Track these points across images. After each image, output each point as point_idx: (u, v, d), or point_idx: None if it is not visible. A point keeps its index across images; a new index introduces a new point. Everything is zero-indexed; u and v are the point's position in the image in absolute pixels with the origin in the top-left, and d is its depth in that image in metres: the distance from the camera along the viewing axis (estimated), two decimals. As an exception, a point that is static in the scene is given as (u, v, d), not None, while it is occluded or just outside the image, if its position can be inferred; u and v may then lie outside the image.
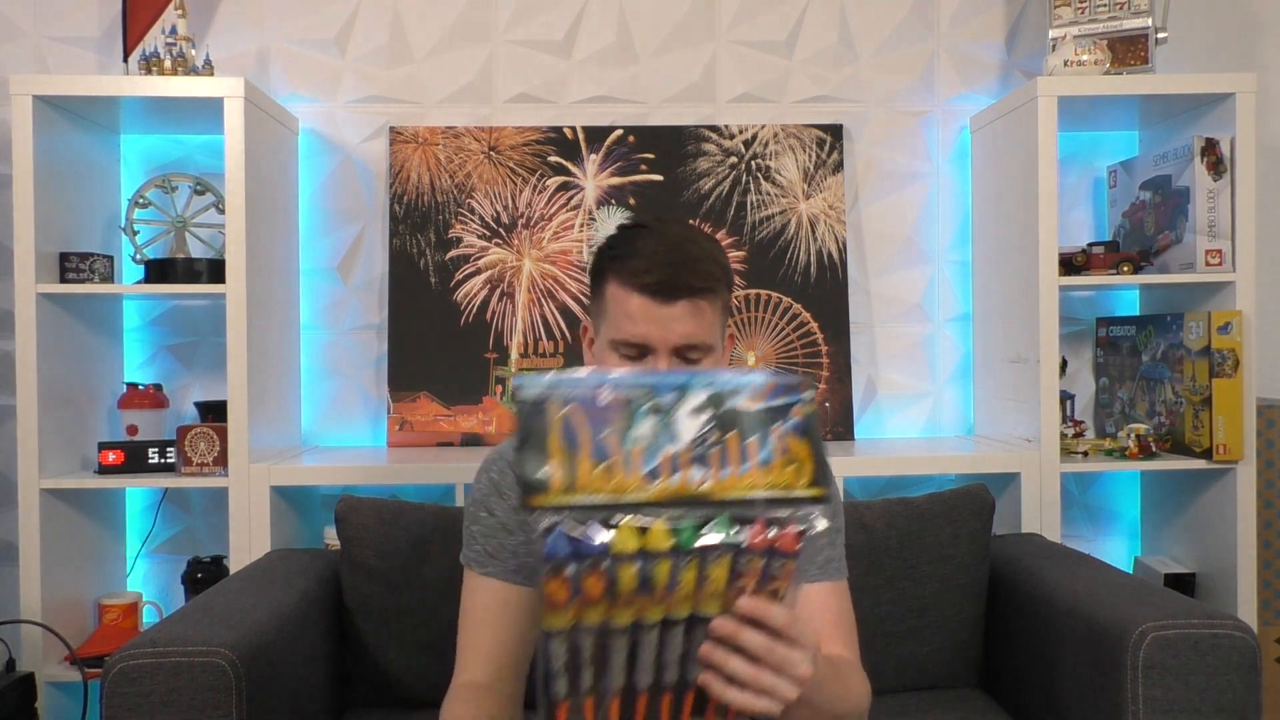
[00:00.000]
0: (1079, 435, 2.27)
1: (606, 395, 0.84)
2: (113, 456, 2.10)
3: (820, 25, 2.47)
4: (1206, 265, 2.13)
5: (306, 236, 2.43)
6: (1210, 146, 2.13)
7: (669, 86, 2.46)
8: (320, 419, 2.45)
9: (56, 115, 2.10)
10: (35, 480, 2.02)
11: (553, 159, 2.42)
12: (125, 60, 2.28)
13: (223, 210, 2.19)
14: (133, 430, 2.18)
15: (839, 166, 2.44)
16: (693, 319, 1.19)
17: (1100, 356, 2.46)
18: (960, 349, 2.51)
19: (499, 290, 2.40)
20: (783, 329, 2.39)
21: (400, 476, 2.16)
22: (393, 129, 2.41)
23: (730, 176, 2.43)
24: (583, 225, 2.42)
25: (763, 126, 2.43)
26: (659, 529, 0.82)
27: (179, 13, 2.16)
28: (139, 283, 2.18)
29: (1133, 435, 2.17)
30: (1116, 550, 2.48)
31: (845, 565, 1.32)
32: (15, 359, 2.03)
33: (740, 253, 2.41)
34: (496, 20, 2.45)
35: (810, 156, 2.44)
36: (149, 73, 2.09)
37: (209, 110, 2.08)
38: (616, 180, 2.42)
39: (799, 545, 0.85)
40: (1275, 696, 2.14)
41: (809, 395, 0.88)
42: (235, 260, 2.05)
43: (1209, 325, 2.08)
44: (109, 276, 2.15)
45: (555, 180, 2.42)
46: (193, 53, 2.15)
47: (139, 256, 2.23)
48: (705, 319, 1.21)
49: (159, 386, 2.27)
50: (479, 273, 2.40)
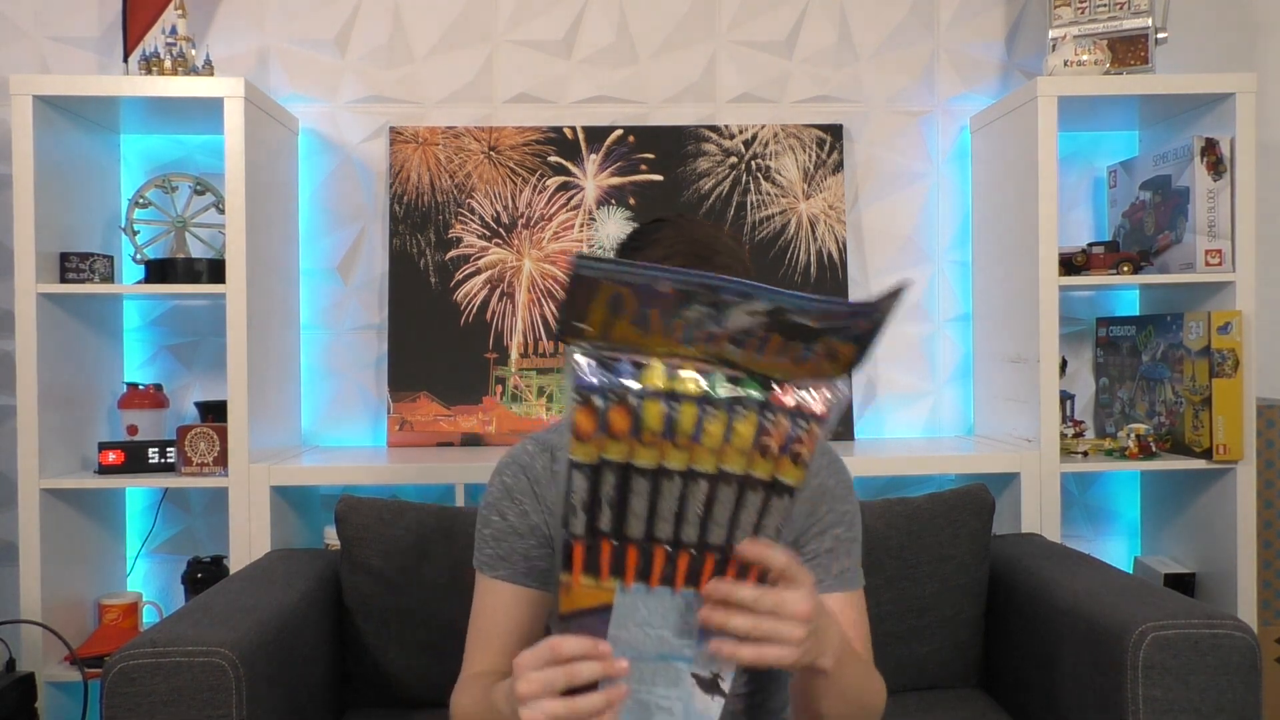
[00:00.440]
0: (1079, 435, 2.27)
1: (668, 286, 0.82)
2: (113, 456, 2.10)
3: (820, 25, 2.47)
4: (1206, 265, 2.13)
5: (306, 236, 2.43)
6: (1210, 146, 2.13)
7: (669, 86, 2.46)
8: (320, 419, 2.45)
9: (56, 115, 2.10)
10: (35, 480, 2.02)
11: (553, 159, 2.42)
12: (125, 60, 2.28)
13: (223, 210, 2.19)
14: (133, 430, 2.19)
15: (839, 166, 2.44)
16: None
17: (1100, 356, 2.46)
18: (960, 349, 2.51)
19: (499, 290, 2.40)
20: (783, 329, 2.39)
21: (400, 476, 2.16)
22: (393, 129, 2.41)
23: (730, 176, 2.43)
24: (583, 225, 2.42)
25: (763, 126, 2.43)
26: (688, 375, 0.84)
27: (179, 13, 2.16)
28: (139, 283, 2.18)
29: (1133, 435, 2.17)
30: (1116, 550, 2.48)
31: (861, 574, 1.32)
32: (15, 359, 2.03)
33: (740, 253, 2.41)
34: (496, 20, 2.45)
35: (810, 156, 2.44)
36: (149, 73, 2.09)
37: (209, 110, 2.08)
38: (616, 180, 2.42)
39: (826, 410, 0.86)
40: (1275, 696, 2.14)
41: (876, 316, 0.86)
42: (235, 260, 2.05)
43: (1209, 325, 2.08)
44: (109, 276, 2.15)
45: (555, 180, 2.42)
46: (193, 53, 2.15)
47: (139, 256, 2.23)
48: None
49: (159, 386, 2.27)
50: (479, 273, 2.40)
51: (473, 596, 1.32)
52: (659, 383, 0.84)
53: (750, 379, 0.86)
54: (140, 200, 2.27)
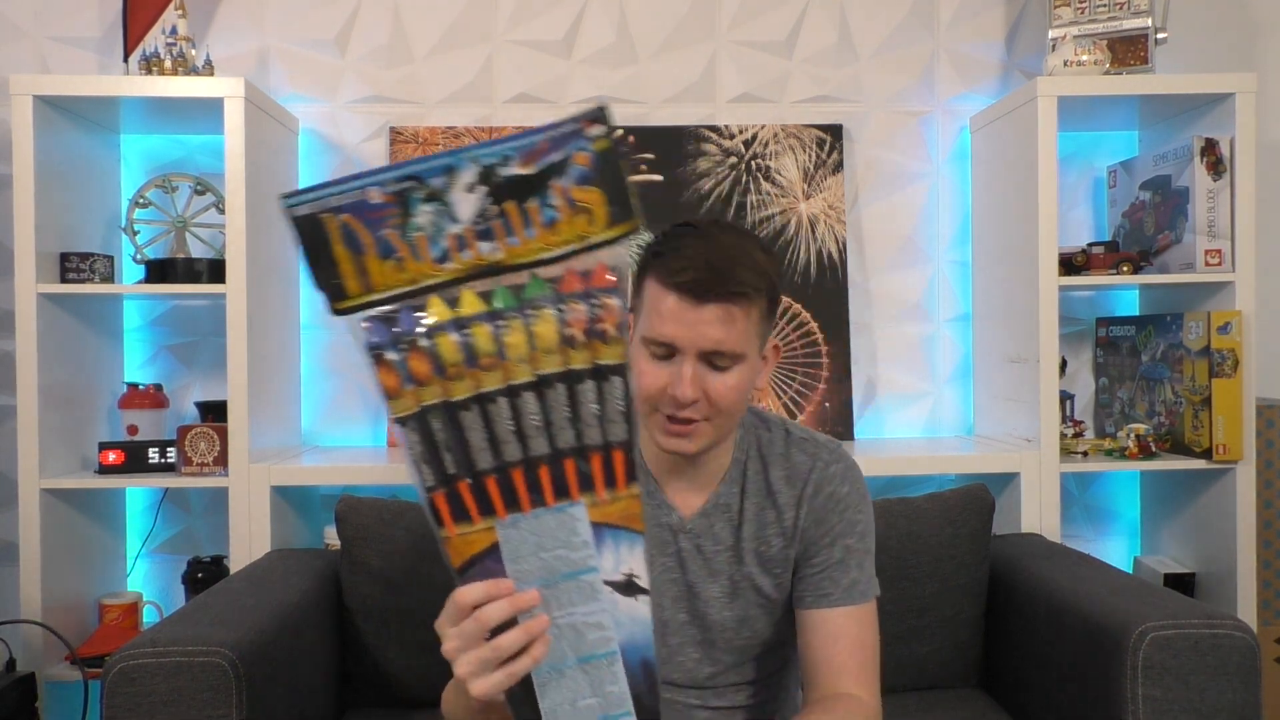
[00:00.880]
0: (1079, 435, 2.27)
1: (376, 195, 0.82)
2: (113, 456, 2.10)
3: (820, 25, 2.47)
4: (1206, 265, 2.13)
5: (306, 236, 2.43)
6: (1210, 146, 2.13)
7: (669, 86, 2.46)
8: (320, 419, 2.45)
9: (56, 115, 2.10)
10: (35, 480, 2.02)
11: (553, 159, 2.41)
12: (125, 60, 2.28)
13: (223, 210, 2.19)
14: (133, 430, 2.19)
15: (839, 166, 2.44)
16: (722, 325, 1.17)
17: (1100, 356, 2.46)
18: (960, 349, 2.51)
19: (499, 290, 2.40)
20: (783, 329, 2.39)
21: (400, 476, 2.15)
22: (393, 129, 2.41)
23: (730, 176, 2.43)
24: (583, 225, 2.41)
25: (763, 126, 2.43)
26: (468, 297, 0.84)
27: (179, 13, 2.16)
28: (139, 283, 2.18)
29: (1132, 435, 2.17)
30: (1116, 550, 2.48)
31: (875, 584, 1.29)
32: (15, 359, 2.03)
33: (740, 253, 2.41)
34: (496, 20, 2.45)
35: (810, 156, 2.44)
36: (149, 73, 2.09)
37: (209, 110, 2.08)
38: (616, 180, 2.41)
39: (611, 276, 0.85)
40: (1275, 696, 2.14)
41: (597, 131, 0.83)
42: (235, 260, 2.05)
43: (1209, 325, 2.08)
44: (109, 276, 2.15)
45: (555, 180, 2.41)
46: (193, 53, 2.15)
47: (139, 256, 2.23)
48: (737, 326, 1.17)
49: (159, 386, 2.27)
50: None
51: None
52: (443, 315, 0.84)
53: (534, 281, 0.85)
54: (140, 200, 2.27)
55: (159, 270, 2.17)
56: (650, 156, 2.42)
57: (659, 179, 2.42)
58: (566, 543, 0.88)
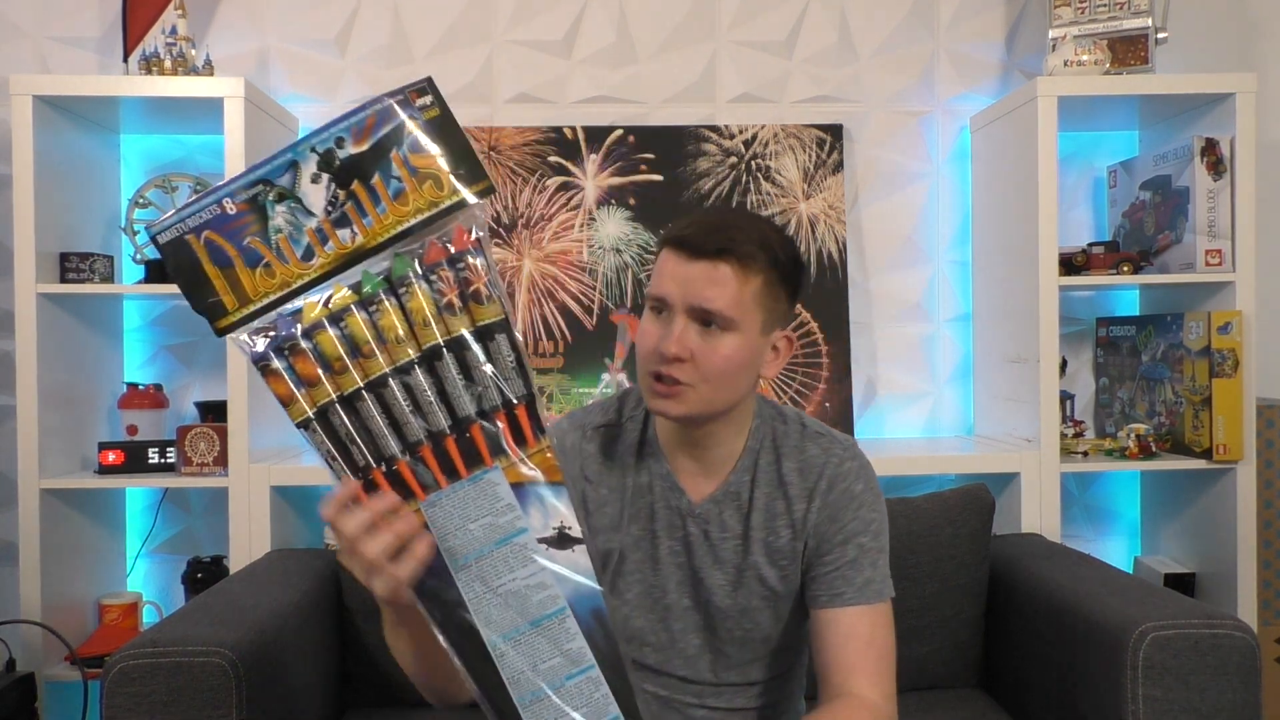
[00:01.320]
0: (1079, 435, 2.27)
1: (231, 206, 0.86)
2: (113, 456, 2.10)
3: (820, 25, 2.47)
4: (1206, 265, 2.13)
5: (306, 236, 2.43)
6: (1210, 146, 2.13)
7: (669, 86, 2.46)
8: (320, 419, 2.45)
9: (56, 115, 2.10)
10: (35, 480, 2.02)
11: (553, 159, 2.42)
12: (125, 60, 2.28)
13: (223, 210, 2.19)
14: (133, 430, 2.18)
15: (839, 166, 2.44)
16: (711, 283, 1.17)
17: (1100, 356, 2.46)
18: (960, 349, 2.51)
19: (499, 290, 2.40)
20: (783, 329, 2.39)
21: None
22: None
23: (730, 176, 2.42)
24: (583, 225, 2.42)
25: (763, 126, 2.43)
26: (338, 291, 0.87)
27: (179, 13, 2.16)
28: (139, 283, 2.18)
29: (1133, 435, 2.17)
30: (1116, 550, 2.48)
31: (889, 585, 1.28)
32: (15, 359, 2.03)
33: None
34: (496, 20, 2.45)
35: (810, 156, 2.44)
36: (149, 73, 2.09)
37: (209, 110, 2.08)
38: (617, 180, 2.42)
39: (471, 237, 0.88)
40: (1275, 696, 2.14)
41: (425, 100, 0.88)
42: (235, 260, 2.05)
43: (1209, 325, 2.08)
44: (109, 276, 2.15)
45: (555, 180, 2.41)
46: (193, 53, 2.15)
47: (139, 256, 2.23)
48: (728, 288, 1.17)
49: (159, 386, 2.27)
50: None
51: None
52: (318, 314, 0.86)
53: (398, 260, 0.87)
54: (140, 200, 2.27)
55: (159, 270, 2.17)
56: (650, 156, 2.42)
57: (659, 179, 2.42)
58: (490, 510, 0.89)
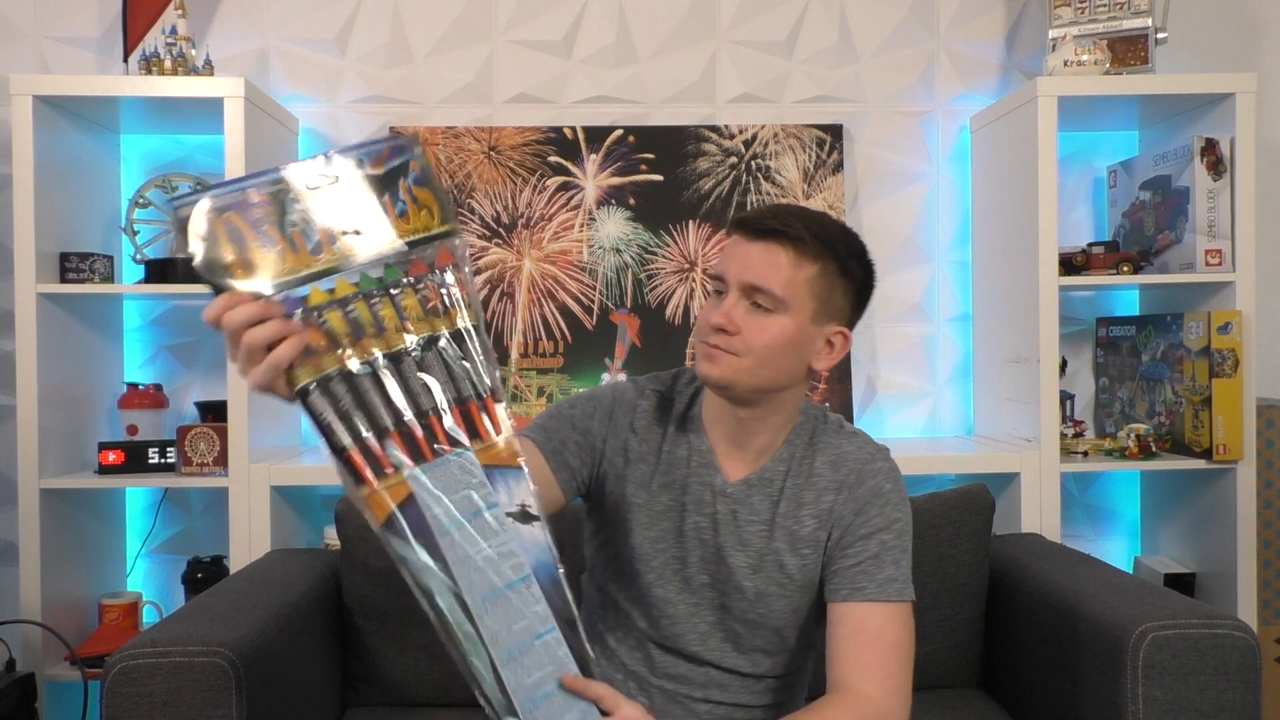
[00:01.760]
0: (1079, 435, 2.27)
1: (255, 195, 0.94)
2: (113, 456, 2.10)
3: (820, 25, 2.47)
4: (1206, 265, 2.13)
5: (306, 236, 2.43)
6: (1210, 146, 2.13)
7: (669, 86, 2.46)
8: (320, 419, 2.45)
9: (56, 115, 2.10)
10: (35, 480, 2.02)
11: (553, 159, 2.42)
12: (125, 60, 2.28)
13: (223, 210, 2.19)
14: (133, 430, 2.18)
15: (839, 166, 2.44)
16: (766, 263, 1.22)
17: (1100, 356, 2.46)
18: (960, 349, 2.51)
19: (499, 290, 2.40)
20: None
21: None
22: (392, 129, 2.41)
23: (730, 176, 2.42)
24: (583, 225, 2.42)
25: (763, 126, 2.43)
26: (341, 283, 0.96)
27: (179, 13, 2.16)
28: (139, 283, 2.18)
29: (1133, 435, 2.17)
30: (1116, 550, 2.48)
31: (910, 587, 1.27)
32: (15, 359, 2.03)
33: (740, 253, 2.41)
34: (496, 20, 2.45)
35: (810, 156, 2.44)
36: (149, 73, 2.09)
37: (209, 110, 2.08)
38: (616, 180, 2.42)
39: (452, 258, 1.01)
40: (1275, 696, 2.14)
41: (420, 151, 1.02)
42: (235, 260, 2.05)
43: (1209, 325, 2.08)
44: (109, 276, 2.15)
45: (555, 180, 2.42)
46: (193, 53, 2.15)
47: (139, 256, 2.23)
48: (780, 269, 1.21)
49: (159, 386, 2.27)
50: (479, 273, 2.40)
51: None
52: (324, 298, 0.96)
53: (388, 270, 0.98)
54: (140, 200, 2.27)
55: (159, 270, 2.17)
56: (650, 156, 2.42)
57: (659, 179, 2.42)
58: (468, 484, 0.98)
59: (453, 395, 1.00)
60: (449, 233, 1.02)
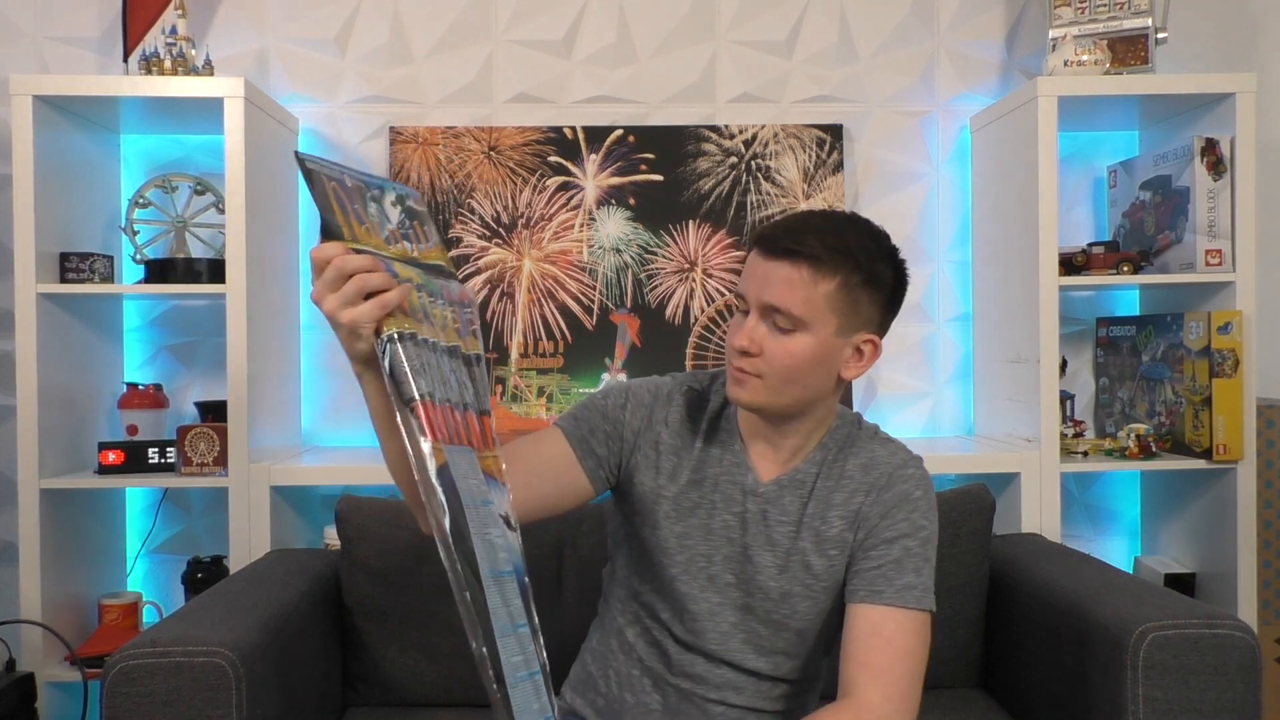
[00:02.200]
0: (1079, 435, 2.27)
1: (350, 181, 1.04)
2: (113, 456, 2.10)
3: (820, 25, 2.47)
4: (1206, 265, 2.13)
5: (306, 236, 2.43)
6: (1210, 146, 2.13)
7: (669, 86, 2.46)
8: (320, 419, 2.45)
9: (56, 115, 2.10)
10: (35, 480, 2.02)
11: (553, 159, 2.42)
12: (125, 60, 2.28)
13: (223, 210, 2.19)
14: (133, 430, 2.18)
15: (839, 166, 2.44)
16: (782, 283, 1.21)
17: (1100, 356, 2.46)
18: (960, 349, 2.51)
19: (499, 290, 2.40)
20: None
21: (400, 476, 2.15)
22: (393, 129, 2.41)
23: (730, 176, 2.42)
24: (583, 225, 2.42)
25: (763, 126, 2.43)
26: (407, 271, 1.06)
27: (179, 13, 2.16)
28: (139, 283, 2.18)
29: (1133, 435, 2.17)
30: (1116, 550, 2.48)
31: (931, 597, 1.26)
32: (15, 359, 2.03)
33: (740, 253, 2.41)
34: (496, 20, 2.45)
35: (810, 156, 2.44)
36: (149, 73, 2.09)
37: (209, 110, 2.08)
38: (616, 180, 2.42)
39: (469, 297, 1.14)
40: (1275, 696, 2.14)
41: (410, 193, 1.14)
42: (235, 260, 2.05)
43: (1209, 325, 2.08)
44: (109, 276, 2.15)
45: (555, 180, 2.41)
46: (193, 53, 2.15)
47: (139, 256, 2.23)
48: (797, 290, 1.20)
49: (159, 386, 2.27)
50: (479, 273, 2.40)
51: None
52: (409, 275, 1.05)
53: (431, 285, 1.08)
54: (140, 200, 2.27)
55: (159, 270, 2.17)
56: (650, 156, 2.42)
57: (659, 179, 2.42)
58: (477, 476, 1.03)
59: (471, 402, 1.07)
60: (454, 273, 1.15)
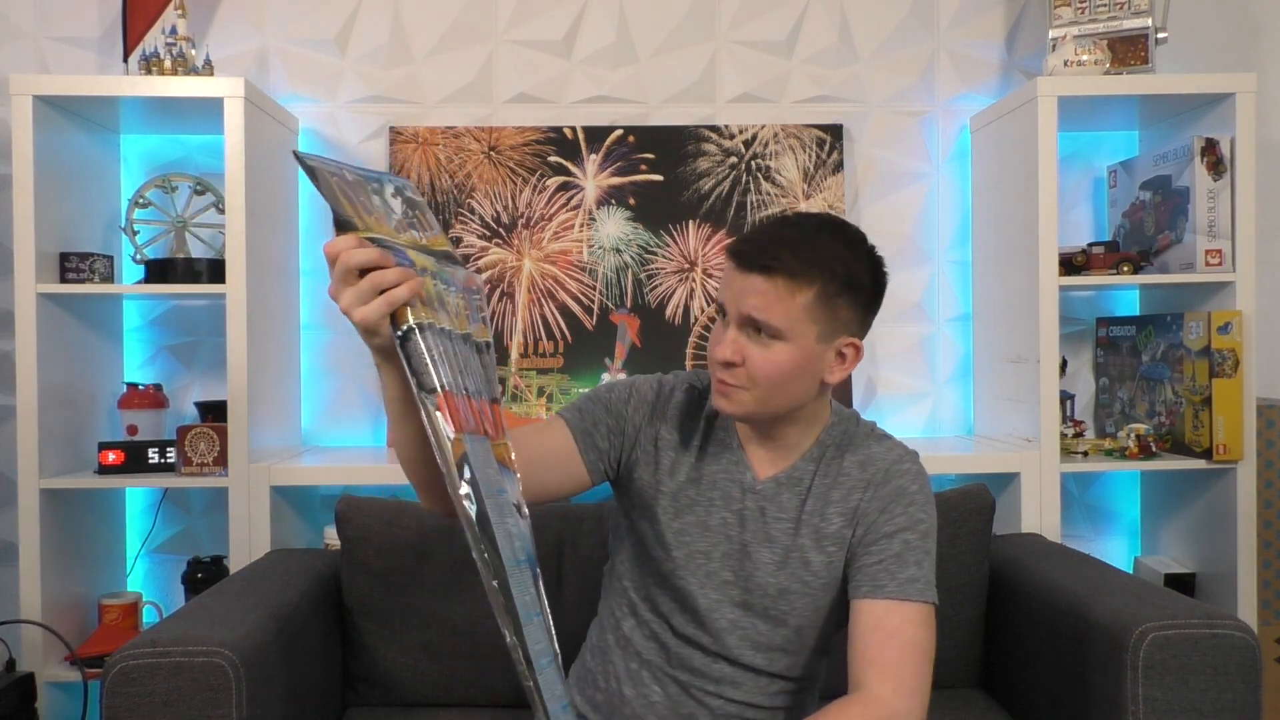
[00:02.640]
0: (1079, 435, 2.27)
1: (350, 175, 1.04)
2: (113, 456, 2.10)
3: (820, 25, 2.47)
4: (1206, 265, 2.13)
5: (306, 236, 2.43)
6: (1210, 146, 2.13)
7: (669, 86, 2.46)
8: (320, 419, 2.45)
9: (56, 115, 2.10)
10: (35, 480, 2.02)
11: (553, 159, 2.42)
12: (125, 60, 2.28)
13: (223, 210, 2.19)
14: (133, 430, 2.18)
15: (839, 166, 2.44)
16: (760, 295, 1.22)
17: (1100, 356, 2.46)
18: (960, 349, 2.51)
19: (499, 290, 2.40)
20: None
21: (400, 476, 2.14)
22: (393, 129, 2.41)
23: (730, 176, 2.42)
24: (583, 225, 2.42)
25: (763, 126, 2.43)
26: (424, 259, 1.06)
27: (179, 13, 2.16)
28: (139, 283, 2.18)
29: (1133, 435, 2.17)
30: (1116, 550, 2.48)
31: (933, 590, 1.26)
32: (15, 359, 2.03)
33: (740, 253, 2.41)
34: (496, 20, 2.45)
35: (810, 156, 2.44)
36: (149, 73, 2.09)
37: (209, 110, 2.08)
38: (616, 180, 2.42)
39: (476, 283, 1.14)
40: (1275, 696, 2.14)
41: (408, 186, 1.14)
42: (235, 260, 2.05)
43: (1209, 325, 2.08)
44: (109, 276, 2.15)
45: (555, 180, 2.41)
46: (193, 53, 2.15)
47: (139, 256, 2.23)
48: (777, 302, 1.21)
49: (159, 386, 2.27)
50: (479, 273, 2.40)
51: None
52: (425, 263, 1.05)
53: (443, 273, 1.08)
54: (140, 200, 2.27)
55: (159, 270, 2.17)
56: (650, 156, 2.42)
57: (659, 179, 2.42)
58: (492, 465, 1.04)
59: (484, 390, 1.08)
60: (453, 257, 1.14)
